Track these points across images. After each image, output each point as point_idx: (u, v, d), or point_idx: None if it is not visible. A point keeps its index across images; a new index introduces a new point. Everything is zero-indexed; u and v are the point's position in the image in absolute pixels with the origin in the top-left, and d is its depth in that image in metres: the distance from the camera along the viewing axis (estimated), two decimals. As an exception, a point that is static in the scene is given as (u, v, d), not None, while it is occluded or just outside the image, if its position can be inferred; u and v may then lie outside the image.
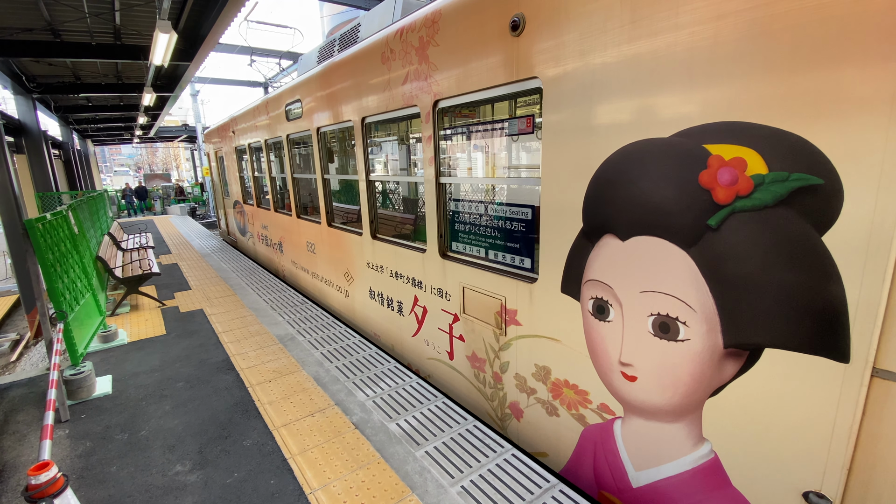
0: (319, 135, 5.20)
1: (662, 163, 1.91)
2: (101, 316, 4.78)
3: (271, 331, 4.89)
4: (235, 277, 7.45)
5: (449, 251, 3.49)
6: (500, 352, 3.04)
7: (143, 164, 59.74)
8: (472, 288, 3.17)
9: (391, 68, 3.59)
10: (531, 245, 2.77)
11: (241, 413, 3.28)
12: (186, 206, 22.84)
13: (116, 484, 2.62)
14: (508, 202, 2.92)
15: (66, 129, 17.16)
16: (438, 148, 3.32)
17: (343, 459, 2.72)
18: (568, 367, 2.57)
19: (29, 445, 3.03)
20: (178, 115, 36.90)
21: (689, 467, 2.08)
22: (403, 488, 2.47)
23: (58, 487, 1.91)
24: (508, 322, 2.91)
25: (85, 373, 3.59)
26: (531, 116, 2.67)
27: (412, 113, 3.57)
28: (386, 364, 4.04)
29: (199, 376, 3.91)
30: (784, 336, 1.67)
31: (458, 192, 6.27)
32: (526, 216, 2.79)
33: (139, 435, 3.09)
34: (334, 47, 5.26)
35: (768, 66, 1.58)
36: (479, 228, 3.17)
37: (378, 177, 4.84)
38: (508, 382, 3.02)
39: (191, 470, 2.70)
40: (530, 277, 2.74)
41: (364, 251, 4.65)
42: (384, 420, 3.14)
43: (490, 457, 2.76)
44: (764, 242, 1.66)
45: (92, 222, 7.61)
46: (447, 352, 3.60)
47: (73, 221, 4.55)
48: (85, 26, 7.34)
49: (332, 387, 3.61)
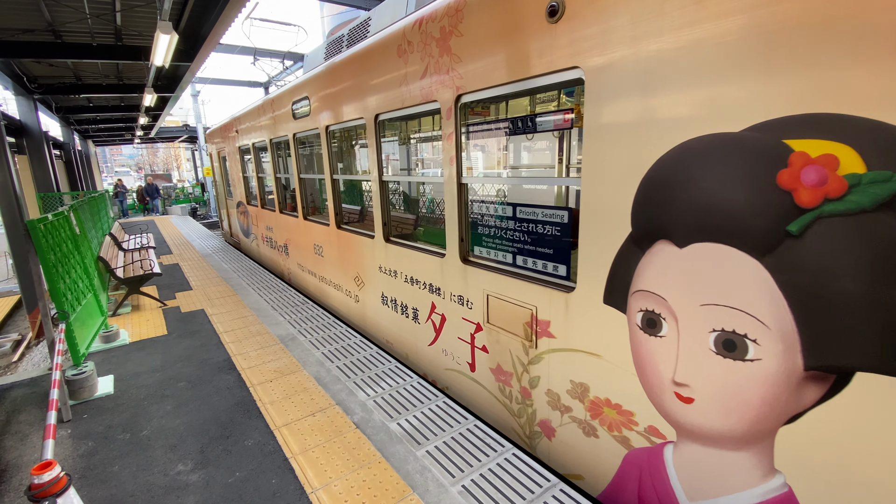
0: (328, 133, 5.03)
1: (731, 160, 1.69)
2: (103, 316, 4.79)
3: (272, 331, 4.90)
4: (236, 278, 7.46)
5: (471, 256, 3.28)
6: (529, 365, 2.82)
7: (144, 164, 59.83)
8: (498, 296, 2.97)
9: (408, 62, 3.39)
10: (567, 251, 2.58)
11: (243, 413, 3.29)
12: (188, 207, 22.85)
13: (119, 483, 2.63)
14: (541, 204, 2.74)
15: (68, 129, 17.18)
16: (460, 146, 3.12)
17: (344, 459, 2.73)
18: (610, 385, 2.35)
19: (31, 445, 3.04)
20: (178, 115, 36.92)
21: (757, 501, 1.86)
22: (404, 487, 2.47)
23: (60, 487, 1.92)
24: (540, 334, 2.70)
25: (87, 373, 3.60)
26: (569, 110, 2.48)
27: (431, 109, 3.36)
28: (387, 364, 4.05)
29: (201, 376, 3.92)
30: (881, 359, 1.47)
31: (481, 193, 6.07)
32: (561, 219, 2.58)
33: (141, 435, 3.10)
34: (343, 43, 5.12)
35: (870, 49, 1.37)
36: (505, 232, 2.95)
37: (396, 177, 4.74)
38: (539, 399, 2.80)
39: (192, 469, 2.71)
40: (566, 286, 2.53)
41: (376, 255, 4.44)
42: (385, 419, 3.15)
43: (491, 456, 2.76)
44: (859, 252, 1.45)
45: (93, 223, 7.63)
46: (468, 363, 3.39)
47: (74, 222, 4.56)
48: (86, 27, 7.35)
49: (332, 386, 3.62)
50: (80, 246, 4.59)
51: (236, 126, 8.77)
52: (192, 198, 26.26)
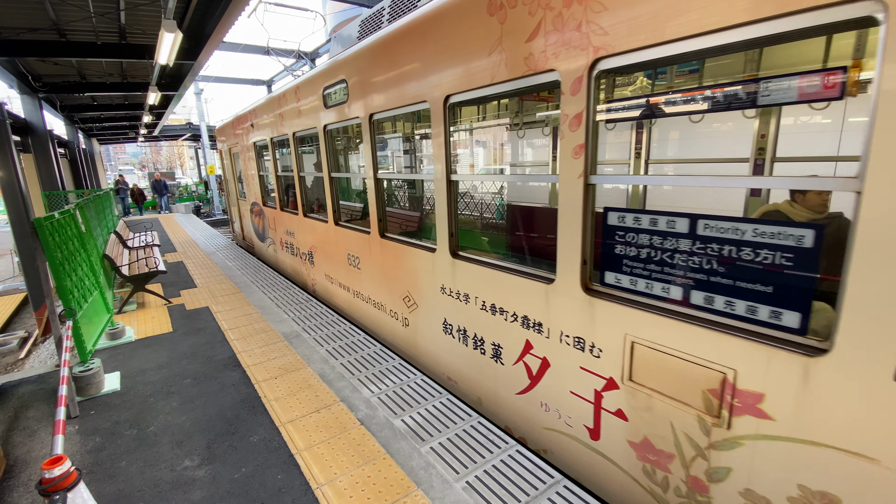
0: (372, 123, 4.16)
1: None
2: (109, 313, 4.82)
3: (277, 328, 4.93)
4: (241, 275, 7.49)
5: (600, 285, 2.43)
6: (710, 450, 2.07)
7: (148, 162, 60.09)
8: (654, 346, 2.18)
9: (506, 19, 2.59)
10: (806, 290, 1.75)
11: (248, 409, 3.32)
12: (191, 205, 22.93)
13: (126, 478, 2.66)
14: (758, 217, 1.98)
15: (72, 128, 17.27)
16: (590, 131, 2.27)
17: (349, 455, 2.75)
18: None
19: (39, 441, 3.08)
20: (181, 113, 37.07)
21: None
22: (409, 483, 2.49)
23: (71, 481, 1.95)
24: (738, 410, 1.93)
25: (94, 369, 3.63)
26: (839, 69, 1.61)
27: (542, 83, 2.54)
28: (391, 361, 4.07)
29: (206, 373, 3.95)
30: None
31: (614, 194, 4.59)
32: (798, 241, 1.71)
33: (147, 431, 3.13)
34: (383, 15, 4.26)
35: None
36: (673, 255, 2.10)
37: (475, 174, 3.62)
38: (725, 499, 2.05)
39: (199, 465, 2.74)
40: (802, 346, 1.75)
41: (438, 272, 3.61)
42: (389, 416, 3.17)
43: (494, 453, 2.78)
44: None
45: (98, 221, 7.68)
46: (586, 427, 2.61)
47: (80, 220, 4.60)
48: (90, 26, 7.38)
49: (337, 383, 3.64)
50: (86, 244, 4.62)
51: (252, 119, 7.91)
52: (195, 196, 26.38)
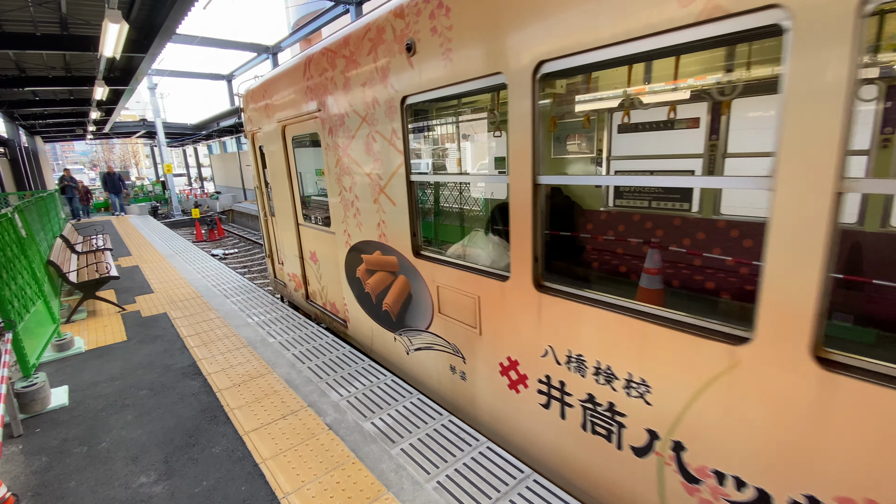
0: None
1: None
2: (55, 324, 4.54)
3: (240, 333, 4.76)
4: (201, 279, 7.20)
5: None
6: None
7: (99, 161, 56.91)
8: None
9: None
10: None
11: (209, 419, 3.18)
12: (147, 206, 21.88)
13: (76, 500, 2.49)
14: None
15: (12, 125, 16.13)
16: None
17: (317, 461, 2.68)
18: None
19: (-23, 464, 2.85)
20: (135, 109, 35.20)
21: None
22: (379, 487, 2.45)
23: (8, 508, 1.81)
24: None
25: (38, 384, 3.40)
26: None
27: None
28: (360, 363, 4.00)
29: (164, 383, 3.76)
30: None
31: None
32: None
33: (99, 447, 2.95)
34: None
35: None
36: None
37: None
38: None
39: (156, 481, 2.61)
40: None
41: None
42: (358, 420, 3.11)
43: (465, 451, 2.77)
44: None
45: (42, 224, 7.20)
46: None
47: (20, 224, 4.29)
48: (28, 15, 6.89)
49: (304, 388, 3.54)
50: (28, 250, 4.32)
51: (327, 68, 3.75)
52: (152, 196, 25.23)
